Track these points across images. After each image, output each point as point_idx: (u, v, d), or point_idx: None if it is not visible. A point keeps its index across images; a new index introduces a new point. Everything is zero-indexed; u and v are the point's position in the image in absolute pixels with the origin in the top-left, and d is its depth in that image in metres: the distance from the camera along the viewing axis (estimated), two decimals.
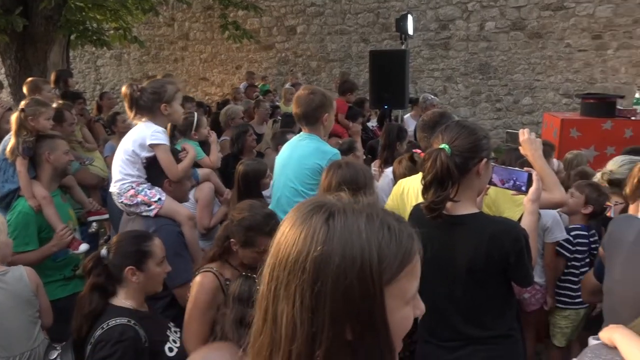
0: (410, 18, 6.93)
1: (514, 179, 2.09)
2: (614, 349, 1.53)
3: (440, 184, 1.87)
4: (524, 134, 2.49)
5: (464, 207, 1.94)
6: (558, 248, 3.37)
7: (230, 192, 3.87)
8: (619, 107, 7.16)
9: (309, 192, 2.90)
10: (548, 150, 3.57)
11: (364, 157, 5.28)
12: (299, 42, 13.96)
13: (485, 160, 1.94)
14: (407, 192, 2.74)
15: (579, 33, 11.41)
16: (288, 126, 5.42)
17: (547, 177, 2.40)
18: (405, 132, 5.10)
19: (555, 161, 4.59)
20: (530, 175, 2.07)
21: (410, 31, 7.06)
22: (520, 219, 2.15)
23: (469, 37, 12.17)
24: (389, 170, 4.11)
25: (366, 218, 0.79)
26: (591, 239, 3.40)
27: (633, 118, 6.71)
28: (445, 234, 1.96)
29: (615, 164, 3.18)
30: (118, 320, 2.02)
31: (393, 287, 0.78)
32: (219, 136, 5.73)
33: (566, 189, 3.18)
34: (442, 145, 1.90)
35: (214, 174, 3.90)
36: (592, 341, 1.73)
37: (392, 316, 0.78)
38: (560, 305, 3.41)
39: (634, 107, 7.10)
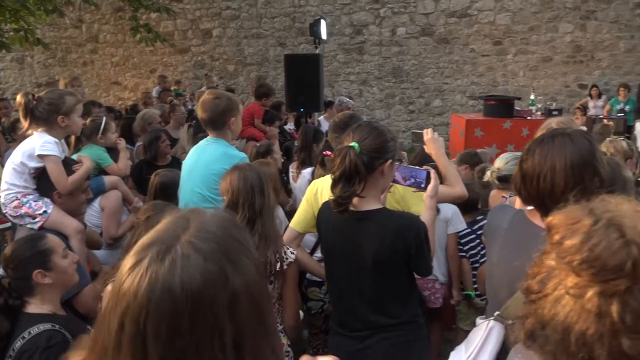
0: (323, 23, 7.10)
1: (414, 176, 2.23)
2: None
3: (348, 180, 1.96)
4: (427, 134, 2.67)
5: (369, 203, 2.05)
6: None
7: (140, 200, 3.78)
8: (517, 107, 7.73)
9: (217, 197, 2.91)
10: None
11: (282, 159, 5.34)
12: (215, 45, 13.81)
13: (390, 161, 2.06)
14: (320, 192, 2.82)
15: (482, 39, 12.17)
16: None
17: (449, 173, 2.58)
18: (321, 133, 5.21)
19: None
20: (428, 173, 2.22)
21: (324, 36, 7.22)
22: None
23: (382, 42, 12.61)
24: (306, 172, 4.19)
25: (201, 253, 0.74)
26: (479, 232, 3.56)
27: (529, 118, 7.27)
28: (352, 228, 2.06)
29: (501, 162, 3.37)
30: (42, 327, 1.93)
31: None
32: (133, 142, 5.58)
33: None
34: (352, 143, 2.00)
35: (121, 181, 3.79)
36: (479, 320, 1.89)
37: None
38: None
39: (530, 107, 7.71)
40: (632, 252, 0.66)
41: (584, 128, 6.72)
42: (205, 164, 3.00)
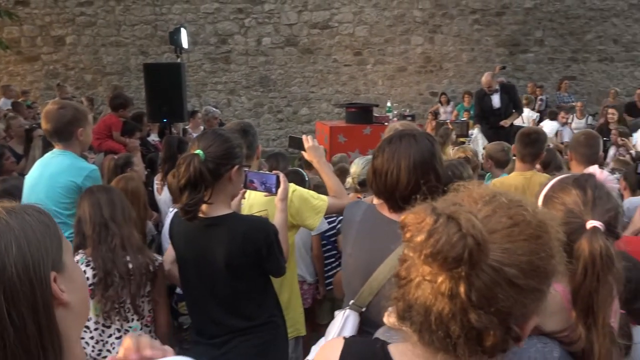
0: (184, 31, 6.97)
1: (265, 182, 2.31)
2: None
3: (194, 187, 1.97)
4: (308, 141, 2.71)
5: (218, 209, 2.08)
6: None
7: None
8: (375, 114, 8.23)
9: (64, 211, 2.75)
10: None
11: (145, 171, 5.16)
12: (69, 53, 12.88)
13: (237, 167, 2.10)
14: None
15: (343, 50, 12.78)
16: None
17: (334, 184, 2.62)
18: (185, 143, 5.12)
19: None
20: (278, 177, 2.31)
21: (185, 44, 7.10)
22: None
23: (248, 52, 12.69)
24: None
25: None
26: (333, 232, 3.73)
27: (386, 123, 7.77)
28: (202, 235, 2.07)
29: (357, 167, 3.55)
30: None
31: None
32: None
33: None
34: (197, 151, 2.01)
35: None
36: (336, 313, 2.00)
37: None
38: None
39: (387, 114, 8.25)
40: (468, 242, 0.76)
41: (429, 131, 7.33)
42: (50, 176, 2.83)
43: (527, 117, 9.59)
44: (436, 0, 12.74)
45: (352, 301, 1.82)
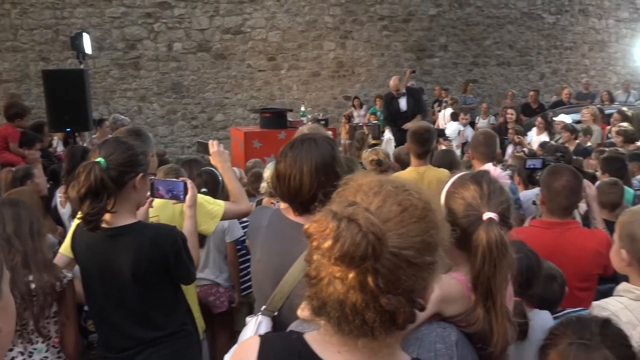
0: (86, 36, 6.68)
1: (172, 189, 2.28)
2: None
3: (96, 196, 1.92)
4: (213, 146, 2.70)
5: (123, 218, 2.03)
6: None
7: None
8: (290, 119, 8.30)
9: None
10: None
11: (48, 184, 4.89)
12: None
13: (141, 174, 2.06)
14: None
15: (257, 55, 12.78)
16: None
17: (235, 189, 2.64)
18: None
19: (236, 169, 5.07)
20: (185, 184, 2.29)
21: (89, 50, 6.80)
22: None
23: (159, 57, 12.33)
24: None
25: None
26: None
27: (300, 128, 7.87)
28: (106, 245, 2.02)
29: (271, 172, 3.62)
30: None
31: None
32: None
33: (248, 193, 3.56)
34: (98, 159, 1.95)
35: None
36: (248, 319, 2.01)
37: None
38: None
39: (301, 118, 8.35)
40: (370, 239, 0.82)
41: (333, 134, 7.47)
42: None
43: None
44: (346, 7, 13.08)
45: (263, 307, 1.84)
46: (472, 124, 10.92)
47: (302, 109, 8.72)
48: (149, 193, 2.24)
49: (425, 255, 0.88)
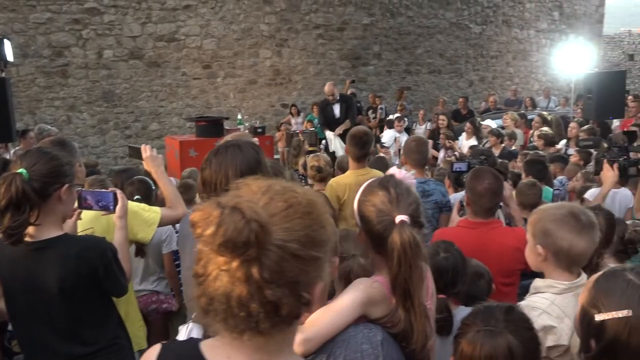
0: (7, 43, 6.36)
1: (100, 200, 2.23)
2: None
3: (17, 208, 1.85)
4: (146, 151, 2.65)
5: (48, 231, 1.97)
6: None
7: None
8: (227, 127, 8.25)
9: None
10: None
11: None
12: None
13: (67, 186, 2.00)
14: None
15: (192, 63, 12.60)
16: None
17: (170, 194, 2.60)
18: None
19: (172, 179, 4.98)
20: (115, 195, 2.24)
21: (10, 57, 6.48)
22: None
23: (88, 65, 11.90)
24: None
25: None
26: None
27: (226, 137, 7.84)
28: (31, 259, 1.95)
29: None
30: None
31: None
32: None
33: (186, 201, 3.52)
34: (20, 170, 1.89)
35: None
36: (180, 328, 2.00)
37: None
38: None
39: (239, 126, 8.32)
40: (253, 227, 0.84)
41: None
42: None
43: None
44: (281, 16, 13.16)
45: (194, 314, 1.84)
46: (408, 130, 11.25)
47: (239, 117, 8.69)
48: (76, 204, 2.19)
49: (309, 249, 0.90)
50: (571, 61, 12.49)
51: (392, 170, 1.63)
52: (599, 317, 1.29)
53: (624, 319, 1.25)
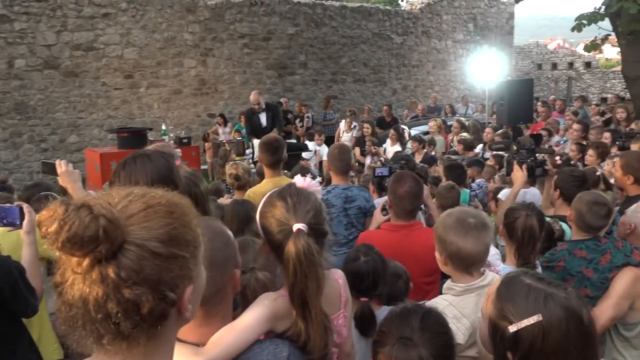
0: None
1: (5, 216, 2.11)
2: None
3: None
4: (61, 166, 2.52)
5: None
6: None
7: None
8: (151, 138, 8.03)
9: None
10: None
11: None
12: None
13: None
14: None
15: (113, 72, 12.15)
16: None
17: None
18: None
19: (92, 192, 4.78)
20: (21, 209, 2.13)
21: None
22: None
23: None
24: None
25: None
26: None
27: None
28: None
29: None
30: None
31: None
32: None
33: None
34: None
35: None
36: None
37: None
38: None
39: (163, 137, 8.12)
40: (101, 222, 0.82)
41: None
42: None
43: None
44: (205, 25, 13.01)
45: None
46: (333, 138, 11.45)
47: (163, 127, 8.48)
48: None
49: (170, 247, 0.89)
50: (485, 70, 13.22)
51: (296, 178, 1.64)
52: (512, 328, 1.26)
53: (537, 325, 1.24)
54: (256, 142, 8.05)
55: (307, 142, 9.94)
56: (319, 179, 2.15)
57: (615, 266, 2.63)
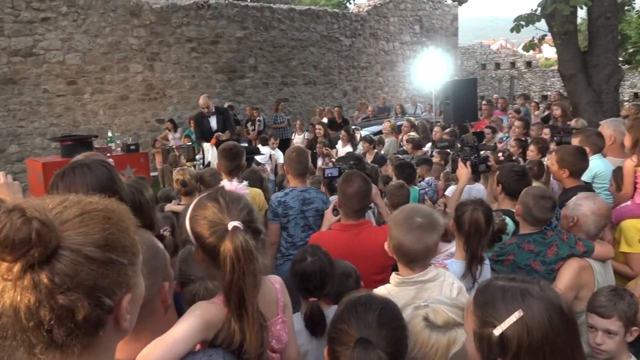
0: None
1: None
2: None
3: None
4: (0, 178, 2.42)
5: None
6: None
7: None
8: (96, 145, 7.80)
9: None
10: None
11: None
12: None
13: None
14: None
15: (54, 79, 11.73)
16: None
17: None
18: None
19: None
20: None
21: None
22: None
23: None
24: None
25: None
26: None
27: (109, 154, 7.43)
28: None
29: None
30: None
31: None
32: None
33: None
34: None
35: None
36: None
37: None
38: None
39: (110, 144, 7.90)
40: (34, 225, 0.80)
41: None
42: None
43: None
44: (151, 29, 12.75)
45: None
46: (288, 141, 11.45)
47: (109, 134, 8.25)
48: None
49: (107, 252, 0.87)
50: (432, 70, 13.56)
51: (223, 182, 1.63)
52: (497, 331, 1.25)
53: (519, 321, 1.23)
54: (206, 145, 7.95)
55: (260, 146, 9.91)
56: (245, 182, 2.16)
57: (561, 258, 2.75)
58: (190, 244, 1.51)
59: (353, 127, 9.81)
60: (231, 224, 1.42)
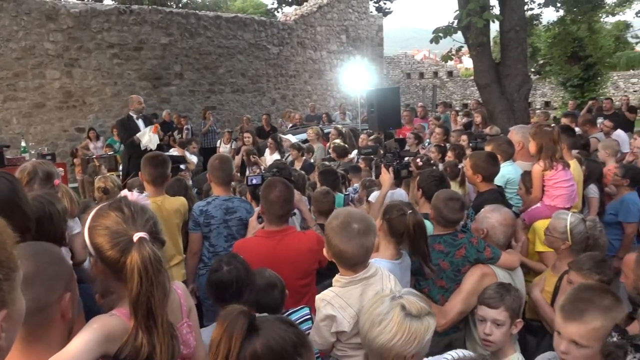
0: None
1: None
2: None
3: None
4: None
5: None
6: None
7: None
8: (9, 156, 7.37)
9: None
10: None
11: None
12: None
13: None
14: None
15: None
16: None
17: None
18: None
19: None
20: None
21: None
22: None
23: None
24: None
25: None
26: None
27: (20, 164, 7.04)
28: None
29: None
30: None
31: None
32: None
33: None
34: None
35: None
36: None
37: None
38: None
39: (23, 155, 7.48)
40: None
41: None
42: None
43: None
44: (69, 33, 12.20)
45: None
46: (214, 149, 11.29)
47: (23, 144, 7.80)
48: None
49: None
50: (358, 79, 13.87)
51: (123, 192, 1.59)
52: None
53: None
54: (143, 129, 7.46)
55: (186, 153, 9.75)
56: (146, 193, 2.12)
57: (468, 261, 2.88)
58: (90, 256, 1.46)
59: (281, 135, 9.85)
60: (137, 235, 1.39)
